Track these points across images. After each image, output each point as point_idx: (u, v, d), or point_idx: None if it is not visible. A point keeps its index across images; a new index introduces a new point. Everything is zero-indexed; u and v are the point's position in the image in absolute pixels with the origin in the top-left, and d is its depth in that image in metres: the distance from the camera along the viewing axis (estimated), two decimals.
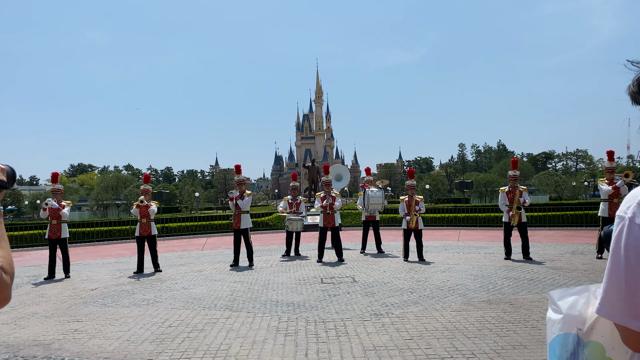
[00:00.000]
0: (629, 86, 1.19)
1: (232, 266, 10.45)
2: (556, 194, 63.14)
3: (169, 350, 4.68)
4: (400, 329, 5.17)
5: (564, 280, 7.72)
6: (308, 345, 4.70)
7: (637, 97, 1.16)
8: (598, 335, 1.25)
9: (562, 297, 1.38)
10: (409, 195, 10.78)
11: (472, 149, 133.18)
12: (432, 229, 19.60)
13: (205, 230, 21.48)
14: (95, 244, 19.20)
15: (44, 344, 5.06)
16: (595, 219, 17.07)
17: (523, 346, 4.45)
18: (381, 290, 7.33)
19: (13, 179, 1.37)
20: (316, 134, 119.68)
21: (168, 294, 7.65)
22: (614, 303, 1.08)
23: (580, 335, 1.29)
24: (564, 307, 1.35)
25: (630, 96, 1.19)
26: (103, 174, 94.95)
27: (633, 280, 1.04)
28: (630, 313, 1.05)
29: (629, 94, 1.20)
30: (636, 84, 1.16)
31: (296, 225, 11.79)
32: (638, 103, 1.19)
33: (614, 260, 1.09)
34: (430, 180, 69.10)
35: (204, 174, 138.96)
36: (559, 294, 1.39)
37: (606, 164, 10.54)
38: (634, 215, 1.07)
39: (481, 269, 9.05)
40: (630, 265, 1.05)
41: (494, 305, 6.10)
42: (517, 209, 10.04)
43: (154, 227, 10.39)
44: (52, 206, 10.03)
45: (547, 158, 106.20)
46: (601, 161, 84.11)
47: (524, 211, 10.20)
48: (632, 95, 1.18)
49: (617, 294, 1.07)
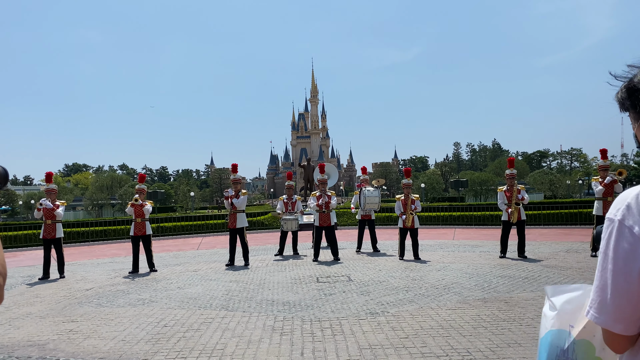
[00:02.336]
0: (617, 93, 1.20)
1: (227, 265, 10.43)
2: (551, 192, 63.45)
3: (164, 350, 4.67)
4: (395, 327, 5.18)
5: (558, 279, 7.76)
6: (304, 344, 4.70)
7: (626, 103, 1.17)
8: (590, 334, 1.26)
9: (557, 294, 1.38)
10: (404, 194, 10.80)
11: (467, 148, 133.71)
12: (428, 228, 19.64)
13: (200, 229, 21.41)
14: (90, 243, 19.10)
15: (39, 345, 5.03)
16: (590, 217, 17.17)
17: (518, 344, 4.47)
18: (377, 289, 7.34)
19: (5, 178, 1.36)
20: (312, 133, 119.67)
21: (163, 293, 7.63)
22: (600, 305, 1.08)
23: (572, 333, 1.29)
24: (559, 304, 1.36)
25: (619, 102, 1.20)
26: (98, 174, 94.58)
27: (620, 282, 1.05)
28: (614, 316, 1.05)
29: (617, 101, 1.20)
30: (624, 90, 1.16)
31: (291, 225, 11.77)
32: (626, 109, 1.20)
33: (603, 263, 1.10)
34: (425, 179, 69.31)
35: (199, 173, 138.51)
36: (554, 290, 1.40)
37: (600, 162, 10.60)
38: (623, 217, 1.07)
39: (476, 267, 9.09)
40: (617, 268, 1.05)
41: (489, 304, 6.12)
42: (516, 204, 10.09)
43: (148, 227, 10.34)
44: (46, 206, 9.97)
45: (541, 157, 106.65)
46: (595, 160, 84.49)
47: (523, 209, 10.25)
48: (620, 101, 1.18)
49: (603, 297, 1.08)
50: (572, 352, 1.28)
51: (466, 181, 41.48)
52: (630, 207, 1.08)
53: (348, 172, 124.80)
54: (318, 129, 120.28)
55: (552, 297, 1.39)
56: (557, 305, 1.36)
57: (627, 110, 1.19)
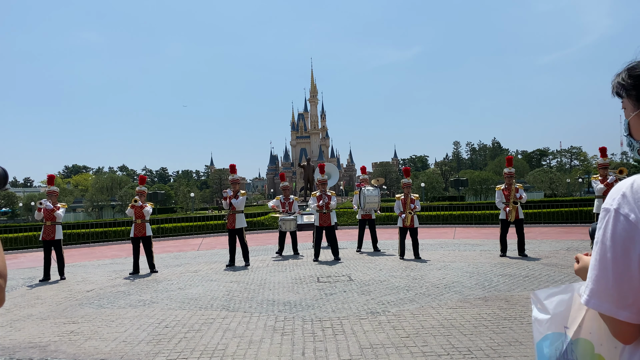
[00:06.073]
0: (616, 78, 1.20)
1: (228, 266, 10.43)
2: (551, 190, 63.40)
3: (165, 351, 4.67)
4: (396, 326, 5.18)
5: (559, 277, 7.76)
6: (305, 344, 4.70)
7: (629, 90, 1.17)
8: (586, 332, 1.25)
9: (548, 297, 1.38)
10: (404, 194, 10.80)
11: (467, 147, 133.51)
12: (428, 227, 19.65)
13: (200, 230, 21.41)
14: (91, 245, 19.10)
15: (40, 346, 5.04)
16: (590, 216, 17.18)
17: (519, 342, 4.47)
18: (377, 288, 7.34)
19: (5, 180, 1.37)
20: (311, 133, 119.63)
21: (164, 294, 7.63)
22: (602, 294, 1.08)
23: (568, 334, 1.29)
24: (551, 307, 1.36)
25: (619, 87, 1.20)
26: (98, 175, 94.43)
27: (620, 270, 1.05)
28: (618, 303, 1.05)
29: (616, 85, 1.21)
30: (626, 73, 1.17)
31: (289, 225, 11.78)
32: (620, 96, 1.20)
33: (600, 251, 1.09)
34: (425, 178, 69.28)
35: (199, 174, 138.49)
36: (544, 293, 1.40)
37: (599, 160, 10.60)
38: (619, 206, 1.08)
39: (477, 266, 9.09)
40: (617, 255, 1.06)
41: (489, 303, 6.12)
42: (514, 203, 10.09)
43: (148, 228, 10.34)
44: (46, 207, 9.97)
45: (541, 155, 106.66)
46: (595, 158, 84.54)
47: (521, 208, 10.26)
48: (618, 85, 1.19)
49: (605, 285, 1.08)
50: (571, 353, 1.28)
51: (466, 180, 41.55)
52: (626, 195, 1.08)
53: (348, 172, 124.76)
54: (318, 129, 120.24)
55: (544, 300, 1.39)
56: (550, 308, 1.36)
57: (627, 97, 1.20)
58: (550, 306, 1.36)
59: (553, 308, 1.35)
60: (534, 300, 1.43)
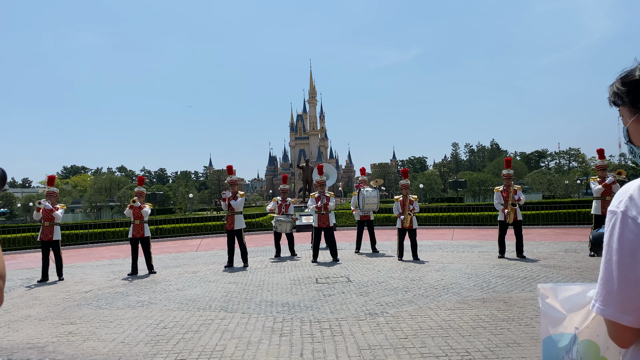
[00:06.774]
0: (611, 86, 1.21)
1: (226, 267, 10.43)
2: (549, 192, 63.50)
3: (164, 352, 4.67)
4: (395, 328, 5.18)
5: (557, 278, 7.78)
6: (303, 345, 4.71)
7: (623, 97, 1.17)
8: (593, 334, 1.24)
9: (564, 296, 1.35)
10: (403, 195, 10.81)
11: (466, 148, 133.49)
12: (426, 228, 19.67)
13: (199, 231, 21.40)
14: (89, 246, 19.08)
15: (38, 347, 5.03)
16: (588, 217, 17.21)
17: (517, 344, 4.48)
18: (376, 289, 7.34)
19: (3, 180, 1.37)
20: (310, 134, 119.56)
21: (162, 295, 7.62)
22: (606, 297, 1.07)
23: (576, 334, 1.28)
24: (567, 307, 1.33)
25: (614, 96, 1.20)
26: (96, 176, 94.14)
27: (626, 274, 1.03)
28: (622, 307, 1.04)
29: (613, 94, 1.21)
30: (622, 84, 1.17)
31: (285, 227, 11.74)
32: (616, 105, 1.20)
33: (607, 255, 1.08)
34: (424, 179, 69.31)
35: (197, 175, 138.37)
36: (562, 291, 1.35)
37: (597, 162, 10.64)
38: (626, 208, 1.06)
39: (475, 267, 9.10)
40: (623, 259, 1.04)
41: (488, 304, 6.13)
42: (512, 205, 10.11)
43: (147, 229, 10.33)
44: (45, 207, 9.96)
45: (539, 157, 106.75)
46: (593, 159, 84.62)
47: (519, 209, 10.27)
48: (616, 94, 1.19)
49: (610, 288, 1.06)
50: (576, 353, 1.26)
51: (465, 181, 41.53)
52: (633, 198, 1.07)
53: (347, 173, 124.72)
54: (316, 130, 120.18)
55: (560, 298, 1.36)
56: (566, 308, 1.32)
57: (622, 105, 1.20)
58: (566, 305, 1.33)
59: (569, 308, 1.32)
60: (543, 295, 1.39)
